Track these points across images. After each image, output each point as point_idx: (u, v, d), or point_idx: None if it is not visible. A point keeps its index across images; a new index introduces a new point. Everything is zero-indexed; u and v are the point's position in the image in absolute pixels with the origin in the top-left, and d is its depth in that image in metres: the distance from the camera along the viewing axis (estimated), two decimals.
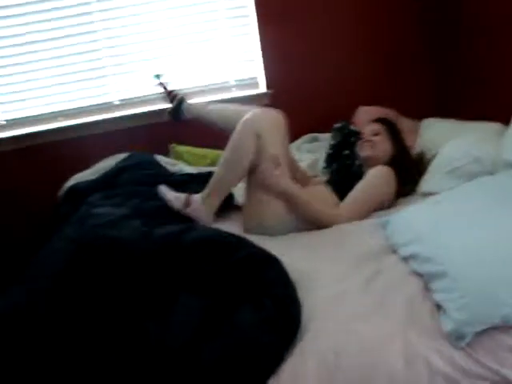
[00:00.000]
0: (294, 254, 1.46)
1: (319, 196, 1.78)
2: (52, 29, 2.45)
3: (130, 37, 2.53)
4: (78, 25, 2.47)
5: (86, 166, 2.39)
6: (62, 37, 2.47)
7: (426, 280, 1.18)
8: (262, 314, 1.14)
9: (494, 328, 0.99)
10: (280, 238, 1.64)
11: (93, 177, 2.28)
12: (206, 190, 1.70)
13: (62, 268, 1.27)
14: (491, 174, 1.66)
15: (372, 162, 1.87)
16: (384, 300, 1.17)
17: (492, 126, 1.90)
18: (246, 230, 1.68)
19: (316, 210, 1.64)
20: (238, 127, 1.69)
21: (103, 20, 2.48)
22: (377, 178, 1.76)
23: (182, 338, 1.08)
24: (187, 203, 1.67)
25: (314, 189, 1.85)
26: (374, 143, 1.91)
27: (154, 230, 1.45)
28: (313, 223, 1.64)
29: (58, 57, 2.49)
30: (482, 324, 0.98)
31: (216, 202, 1.70)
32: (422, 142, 2.23)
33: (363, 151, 1.93)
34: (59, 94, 2.55)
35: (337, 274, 1.33)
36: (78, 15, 2.46)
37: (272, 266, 1.31)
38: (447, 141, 1.97)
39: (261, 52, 2.60)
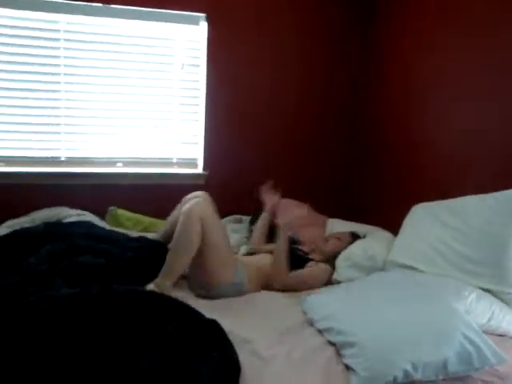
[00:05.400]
0: (228, 320, 1.74)
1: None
2: (18, 80, 2.64)
3: (89, 102, 2.78)
4: (45, 82, 2.68)
5: (18, 214, 2.50)
6: (27, 89, 2.66)
7: (338, 348, 1.55)
8: (212, 365, 1.42)
9: None
10: (211, 303, 1.93)
11: (29, 224, 2.40)
12: (161, 277, 1.89)
13: None
14: (381, 269, 2.18)
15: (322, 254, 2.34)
16: (307, 363, 1.50)
17: (384, 234, 2.45)
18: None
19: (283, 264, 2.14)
20: (182, 218, 1.95)
21: (68, 83, 2.72)
22: (320, 274, 2.20)
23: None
24: None
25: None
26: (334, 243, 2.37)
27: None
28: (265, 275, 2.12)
29: (16, 106, 2.66)
30: (380, 381, 1.36)
31: (171, 283, 1.91)
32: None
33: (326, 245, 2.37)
34: (7, 140, 2.68)
35: (266, 341, 1.62)
36: (47, 74, 2.68)
37: (215, 327, 1.60)
38: None
39: (203, 137, 3.00)
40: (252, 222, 2.78)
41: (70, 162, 2.80)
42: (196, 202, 1.99)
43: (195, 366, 1.38)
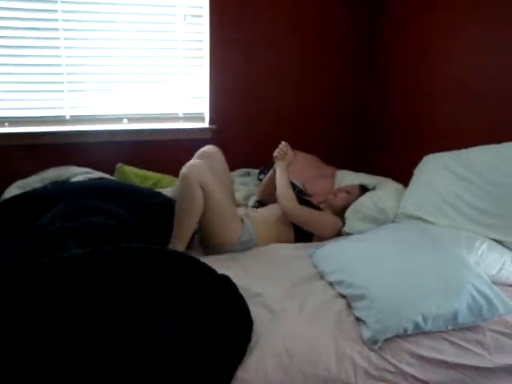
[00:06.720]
0: (237, 273, 1.75)
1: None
2: (18, 37, 2.56)
3: (91, 58, 2.70)
4: (43, 38, 2.60)
5: (27, 174, 2.50)
6: (27, 46, 2.58)
7: (349, 300, 1.57)
8: (226, 320, 1.45)
9: (398, 336, 1.41)
10: (221, 259, 1.94)
11: (39, 184, 2.40)
12: (172, 244, 1.90)
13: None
14: (392, 222, 2.17)
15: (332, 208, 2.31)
16: (318, 315, 1.53)
17: (394, 186, 2.42)
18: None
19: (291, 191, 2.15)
20: (180, 184, 1.89)
21: (68, 39, 2.63)
22: (331, 222, 2.21)
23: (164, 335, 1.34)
24: None
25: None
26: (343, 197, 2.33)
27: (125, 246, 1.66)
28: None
29: (18, 65, 2.59)
30: (390, 333, 1.39)
31: (183, 247, 1.91)
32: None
33: (336, 199, 2.33)
34: (10, 100, 2.63)
35: (277, 294, 1.64)
36: (45, 29, 2.59)
37: (227, 283, 1.62)
38: None
39: (208, 91, 2.93)
40: (263, 172, 2.75)
41: (75, 120, 2.76)
42: (191, 165, 1.91)
43: (209, 321, 1.41)
